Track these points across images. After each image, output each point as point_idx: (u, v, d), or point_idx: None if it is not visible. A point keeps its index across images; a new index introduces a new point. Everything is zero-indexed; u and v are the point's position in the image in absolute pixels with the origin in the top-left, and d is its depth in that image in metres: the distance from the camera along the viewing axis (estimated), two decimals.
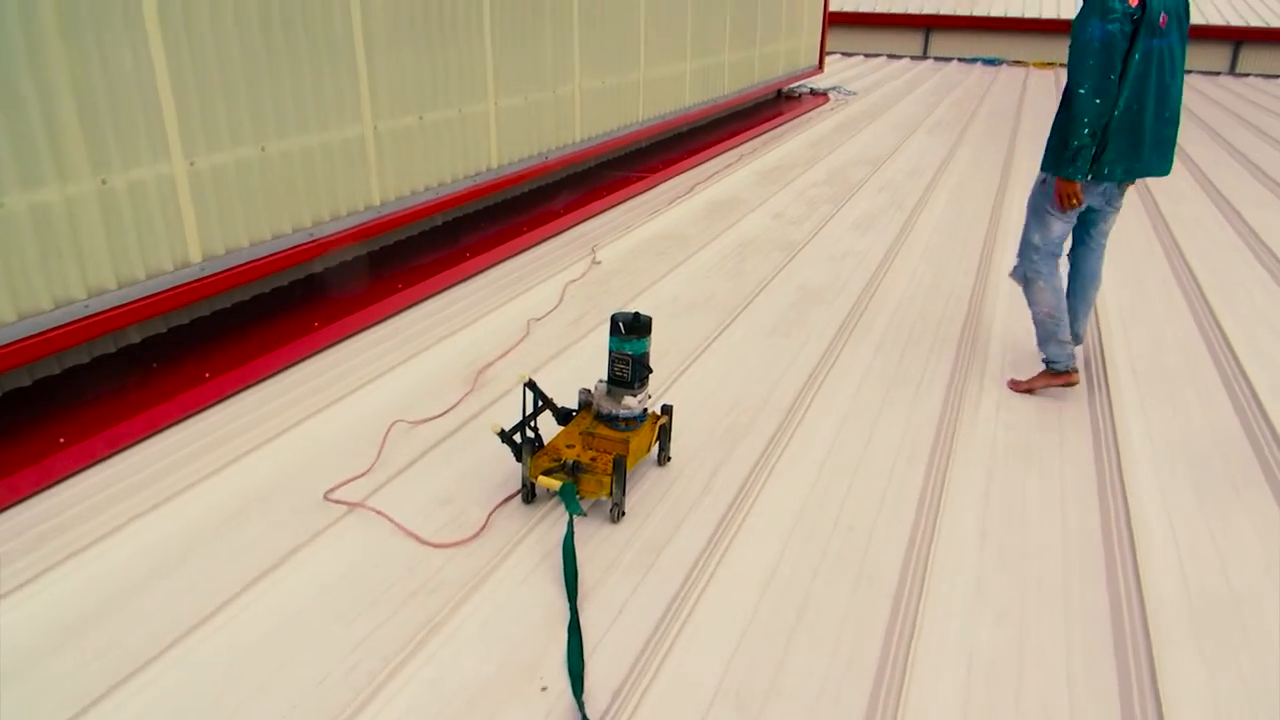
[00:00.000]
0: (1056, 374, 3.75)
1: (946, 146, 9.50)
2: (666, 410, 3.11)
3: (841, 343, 4.26)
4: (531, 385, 2.92)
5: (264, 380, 3.63)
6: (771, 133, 9.91)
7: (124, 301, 3.28)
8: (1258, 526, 2.90)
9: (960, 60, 19.54)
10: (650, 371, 2.98)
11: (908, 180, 7.84)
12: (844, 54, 20.15)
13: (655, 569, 2.61)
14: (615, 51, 6.67)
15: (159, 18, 3.24)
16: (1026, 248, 3.79)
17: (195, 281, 3.57)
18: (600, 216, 6.28)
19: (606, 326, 3.03)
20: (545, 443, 2.96)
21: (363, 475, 3.03)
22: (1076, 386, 3.79)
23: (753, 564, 2.66)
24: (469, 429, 3.36)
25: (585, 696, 2.12)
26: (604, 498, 2.81)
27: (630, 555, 2.67)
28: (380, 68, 4.32)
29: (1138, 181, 4.28)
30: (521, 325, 4.30)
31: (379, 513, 2.81)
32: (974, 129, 10.73)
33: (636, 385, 2.93)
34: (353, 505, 2.85)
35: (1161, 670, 2.26)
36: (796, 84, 12.66)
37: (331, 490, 2.92)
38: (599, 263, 5.29)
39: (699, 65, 8.45)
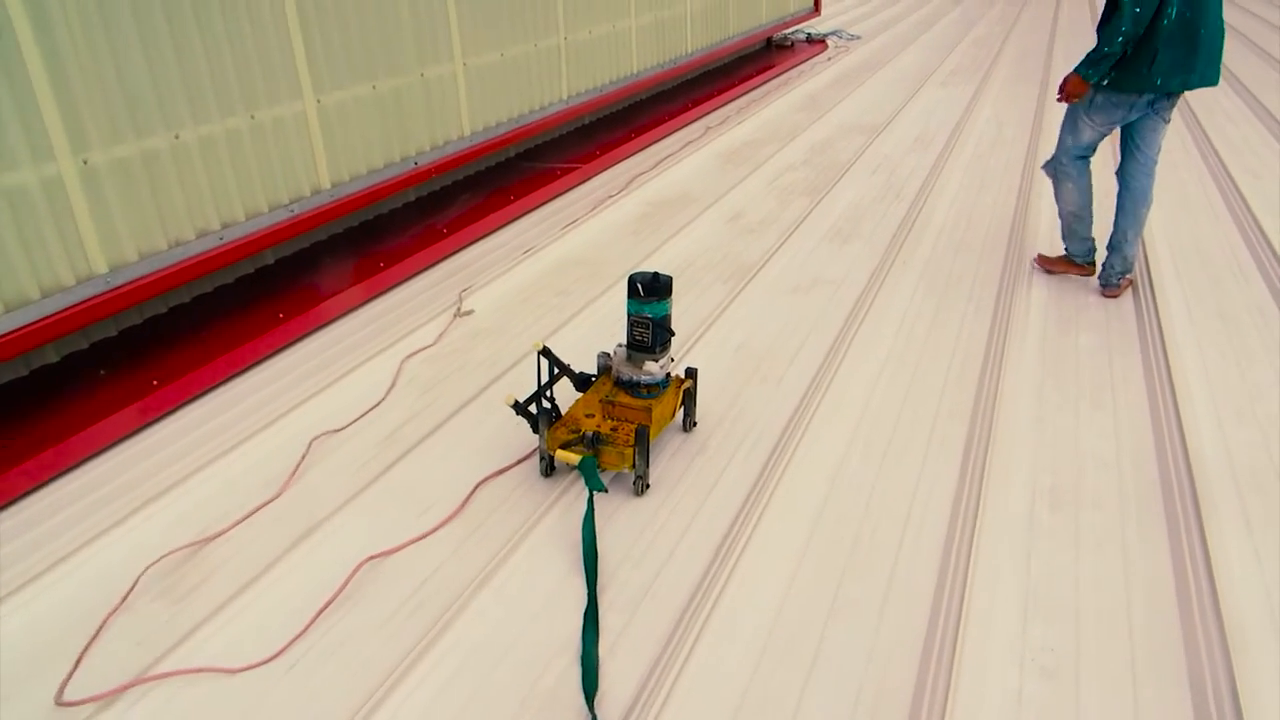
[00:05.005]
0: (1073, 264, 4.11)
1: (963, 103, 7.85)
2: (690, 373, 2.93)
3: (787, 455, 2.80)
4: (546, 352, 2.78)
5: None
6: (752, 94, 8.30)
7: None
8: None
9: None
10: (672, 334, 2.82)
11: (911, 154, 6.25)
12: None
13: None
14: (516, 12, 5.12)
15: None
16: (1060, 145, 3.90)
17: None
18: (499, 234, 4.81)
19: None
20: (563, 412, 2.80)
21: None
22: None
23: None
24: None
25: (599, 699, 1.93)
26: (626, 470, 2.63)
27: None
28: (83, 73, 2.86)
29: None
30: (296, 451, 2.86)
31: None
32: (996, 76, 9.03)
33: (658, 349, 2.78)
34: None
35: None
36: (790, 30, 10.95)
37: None
38: (467, 314, 3.84)
39: (651, 20, 6.84)
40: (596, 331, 3.67)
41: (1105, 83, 3.61)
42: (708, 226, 4.91)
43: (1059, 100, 3.74)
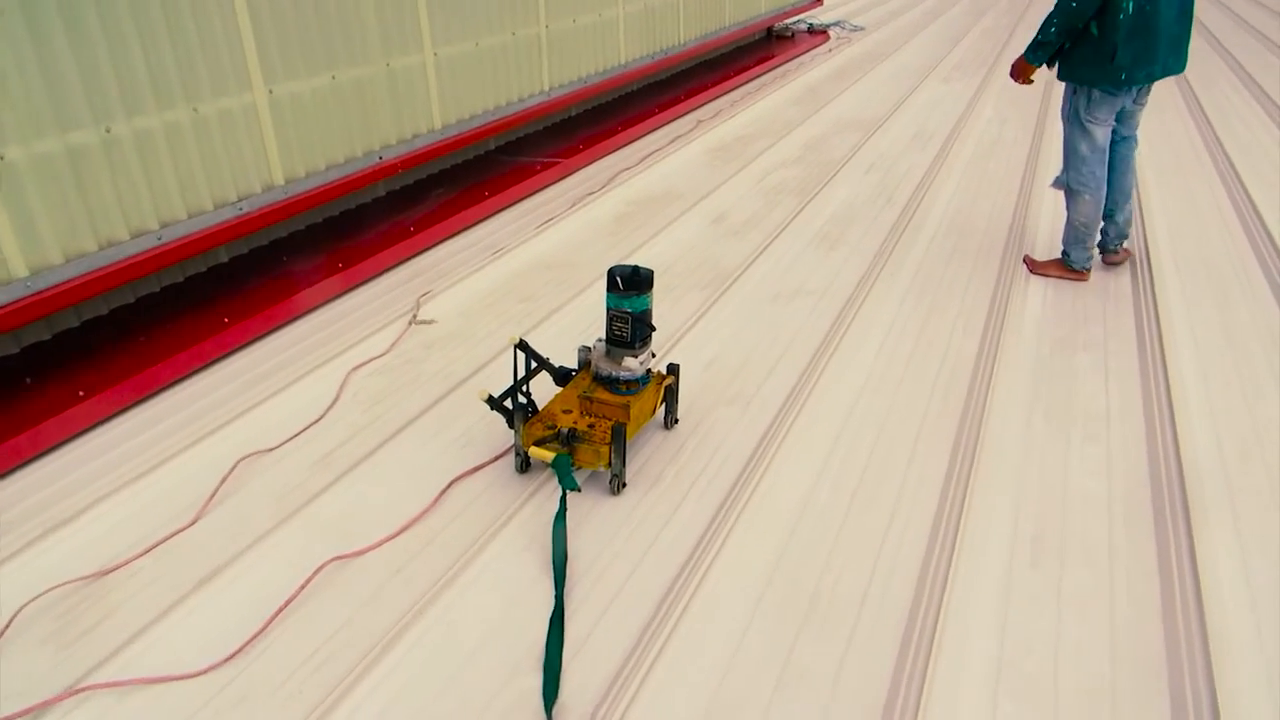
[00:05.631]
0: (1071, 269, 3.98)
1: (965, 98, 7.59)
2: (672, 370, 2.85)
3: (750, 489, 2.59)
4: (523, 345, 2.70)
5: None
6: (747, 86, 8.05)
7: None
8: None
9: None
10: (653, 329, 2.75)
11: (908, 152, 6.01)
12: None
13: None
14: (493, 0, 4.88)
15: None
16: (1074, 159, 3.82)
17: None
18: (470, 232, 4.59)
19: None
20: (540, 408, 2.74)
21: None
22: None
23: None
24: None
25: (558, 708, 1.85)
26: (602, 468, 2.56)
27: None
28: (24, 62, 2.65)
29: None
30: (221, 474, 2.65)
31: None
32: (1001, 72, 8.75)
33: (637, 345, 2.70)
34: None
35: None
36: (791, 20, 10.66)
37: None
38: (425, 323, 3.63)
39: (640, 8, 6.59)
40: (560, 340, 3.45)
41: (1089, 84, 3.65)
42: (689, 228, 4.68)
43: (1014, 80, 3.87)
